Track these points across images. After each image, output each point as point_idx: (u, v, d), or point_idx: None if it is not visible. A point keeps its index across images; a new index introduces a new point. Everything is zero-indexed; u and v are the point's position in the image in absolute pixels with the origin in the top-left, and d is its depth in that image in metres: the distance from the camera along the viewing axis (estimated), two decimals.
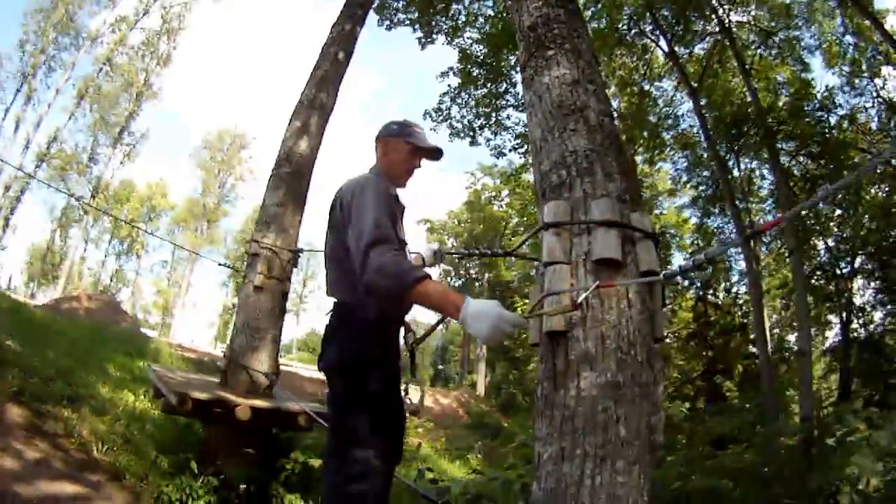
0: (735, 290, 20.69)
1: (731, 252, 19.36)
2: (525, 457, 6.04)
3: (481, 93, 15.12)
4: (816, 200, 14.11)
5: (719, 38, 14.98)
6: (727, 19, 14.69)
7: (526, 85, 2.88)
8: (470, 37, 14.66)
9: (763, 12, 15.56)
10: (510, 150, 16.09)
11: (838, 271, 18.05)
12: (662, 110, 17.52)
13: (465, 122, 15.34)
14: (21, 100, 30.68)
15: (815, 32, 15.91)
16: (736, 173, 17.25)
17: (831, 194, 16.29)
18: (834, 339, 19.93)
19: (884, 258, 16.37)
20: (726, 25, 14.54)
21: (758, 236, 12.73)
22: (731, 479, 4.72)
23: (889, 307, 17.08)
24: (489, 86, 14.98)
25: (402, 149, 2.63)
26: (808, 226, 16.62)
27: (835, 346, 19.17)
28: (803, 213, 15.89)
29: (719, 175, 15.06)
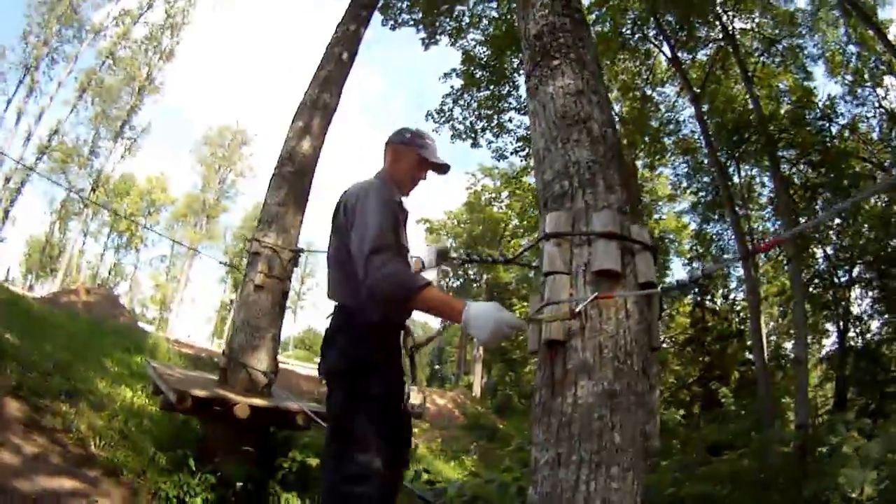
0: (733, 296, 20.74)
1: (730, 258, 19.41)
2: (521, 460, 6.06)
3: (484, 95, 15.12)
4: (817, 221, 14.16)
5: (723, 44, 14.99)
6: (731, 26, 14.71)
7: (530, 93, 2.89)
8: (473, 38, 14.68)
9: (767, 20, 15.56)
10: (511, 153, 16.12)
11: (836, 280, 18.01)
12: (664, 115, 17.53)
13: (466, 124, 15.34)
14: (23, 91, 30.70)
15: (819, 41, 15.91)
16: (736, 180, 17.27)
17: (833, 215, 16.47)
18: (831, 347, 19.94)
19: (882, 268, 16.34)
20: (730, 32, 14.56)
21: (753, 256, 12.87)
22: (725, 486, 4.74)
23: (887, 317, 17.08)
24: (492, 88, 14.97)
25: (412, 158, 2.65)
26: (808, 234, 16.64)
27: (831, 354, 19.15)
28: (802, 221, 15.96)
29: (719, 181, 15.07)
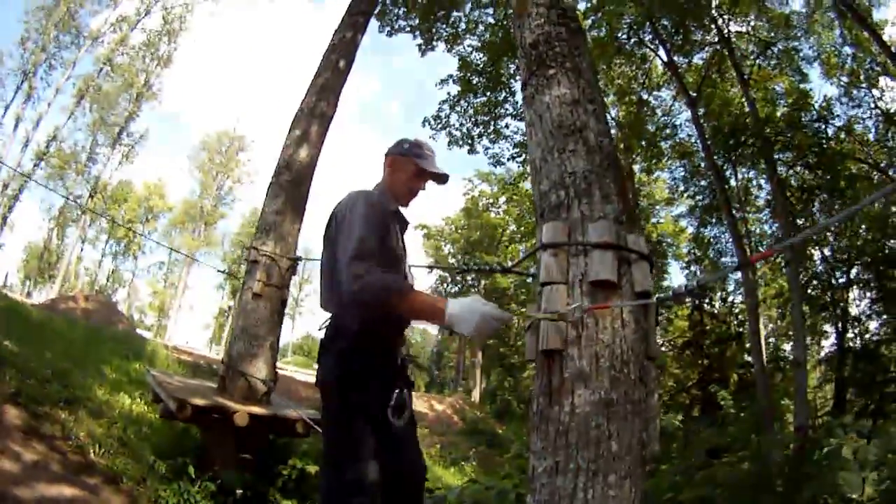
0: (731, 299, 20.72)
1: (729, 261, 19.45)
2: (520, 467, 6.06)
3: (480, 101, 15.16)
4: (815, 230, 14.18)
5: (718, 48, 15.05)
6: (726, 29, 14.77)
7: (527, 103, 2.89)
8: (470, 45, 14.72)
9: (762, 23, 15.62)
10: (508, 159, 16.16)
11: (834, 281, 18.05)
12: (661, 120, 17.60)
13: (463, 130, 15.37)
14: (21, 97, 30.68)
15: (814, 43, 16.01)
16: (733, 183, 17.34)
17: (831, 224, 16.51)
18: (829, 348, 19.98)
19: (880, 268, 16.36)
20: (725, 35, 14.61)
21: (747, 268, 12.99)
22: (723, 490, 4.75)
23: (885, 317, 17.09)
24: (488, 94, 15.00)
25: (410, 169, 2.66)
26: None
27: (830, 355, 19.16)
28: (799, 223, 16.00)
29: (716, 185, 15.10)
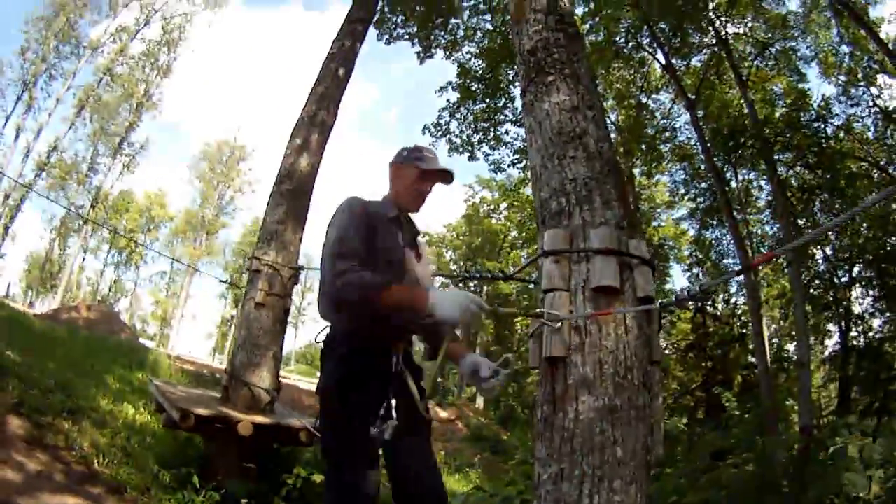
0: (734, 300, 20.74)
1: (730, 262, 19.46)
2: (525, 473, 6.04)
3: (480, 108, 15.17)
4: (817, 233, 14.16)
5: (716, 49, 15.10)
6: (724, 31, 14.80)
7: (526, 110, 2.90)
8: (469, 51, 14.74)
9: (759, 24, 15.67)
10: (509, 165, 16.18)
11: (836, 280, 18.07)
12: (660, 123, 17.66)
13: (463, 137, 15.38)
14: (21, 108, 30.76)
15: (812, 43, 16.03)
16: (734, 185, 17.36)
17: (832, 228, 16.50)
18: (833, 347, 19.94)
19: (882, 266, 16.37)
20: (723, 37, 14.65)
21: (749, 272, 12.98)
22: (728, 492, 4.73)
23: (888, 315, 17.08)
24: (487, 101, 15.02)
25: (411, 173, 2.64)
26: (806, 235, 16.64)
27: (834, 354, 19.14)
28: (802, 223, 16.00)
29: (717, 186, 15.13)
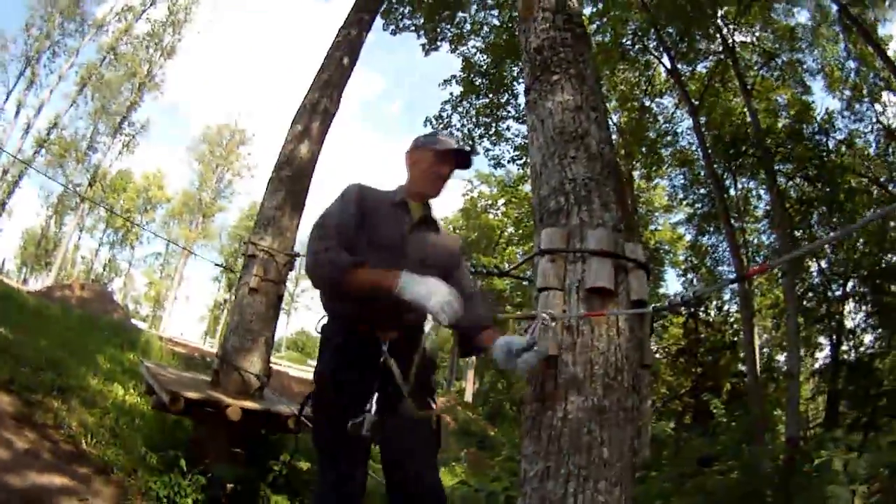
0: (727, 307, 20.72)
1: (726, 269, 19.49)
2: (511, 470, 6.07)
3: (482, 102, 15.15)
4: (812, 248, 14.18)
5: (722, 57, 15.08)
6: (731, 39, 14.78)
7: (529, 108, 2.90)
8: (474, 46, 14.71)
9: (767, 34, 15.65)
10: (509, 161, 16.14)
11: (830, 294, 18.08)
12: (662, 127, 17.64)
13: (464, 131, 15.30)
14: (23, 84, 30.59)
15: (818, 56, 16.01)
16: (732, 192, 17.39)
17: (828, 242, 16.53)
18: (823, 360, 20.00)
19: (877, 282, 16.41)
20: (730, 45, 14.63)
21: (743, 281, 13.02)
22: (713, 499, 4.76)
23: (880, 331, 17.12)
24: (491, 96, 15.01)
25: (429, 157, 2.54)
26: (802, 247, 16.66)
27: (824, 367, 19.19)
28: (799, 234, 16.02)
29: (716, 194, 15.14)
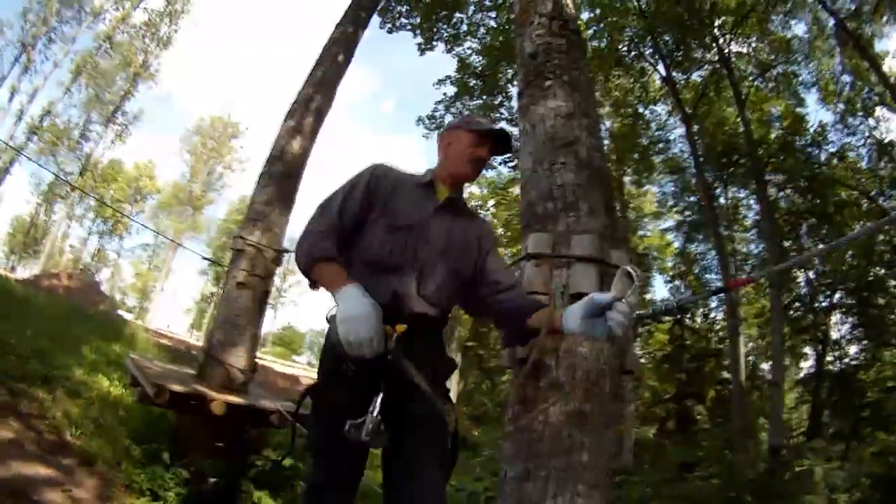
0: (713, 315, 20.85)
1: (713, 277, 19.58)
2: (493, 470, 6.07)
3: (476, 104, 15.16)
4: (799, 260, 14.24)
5: (717, 66, 15.14)
6: (727, 49, 14.85)
7: (521, 113, 2.90)
8: (470, 47, 14.71)
9: (763, 45, 15.72)
10: (500, 164, 16.20)
11: (817, 304, 18.22)
12: (654, 134, 17.70)
13: None
14: (18, 70, 30.32)
15: (814, 69, 16.12)
16: (722, 201, 17.48)
17: (815, 256, 16.63)
18: (808, 370, 20.11)
19: (863, 294, 16.52)
20: (725, 55, 14.70)
21: (727, 292, 13.02)
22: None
23: (865, 343, 17.22)
24: (484, 98, 15.04)
25: (465, 138, 2.36)
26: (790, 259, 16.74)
27: (808, 377, 19.30)
28: (787, 245, 16.11)
29: (705, 202, 15.21)
